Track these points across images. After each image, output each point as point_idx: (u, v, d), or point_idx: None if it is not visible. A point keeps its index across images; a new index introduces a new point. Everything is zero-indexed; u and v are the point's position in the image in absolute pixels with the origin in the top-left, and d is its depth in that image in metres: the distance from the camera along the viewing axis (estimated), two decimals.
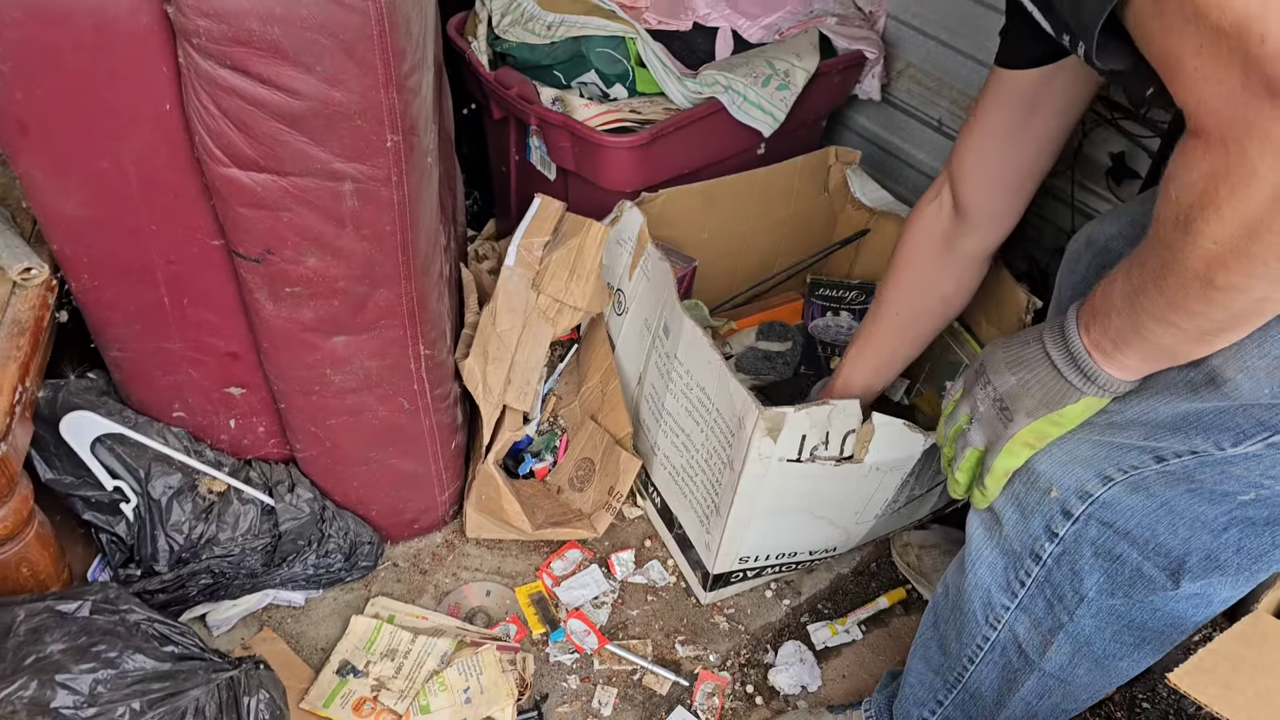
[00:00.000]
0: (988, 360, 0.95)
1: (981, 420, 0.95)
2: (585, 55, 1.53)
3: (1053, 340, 0.88)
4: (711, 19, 1.76)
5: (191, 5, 0.87)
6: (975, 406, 0.96)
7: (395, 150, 1.02)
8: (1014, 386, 0.91)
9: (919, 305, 1.32)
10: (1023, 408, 0.90)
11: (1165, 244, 0.72)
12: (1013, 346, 0.93)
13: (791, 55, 1.62)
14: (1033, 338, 0.91)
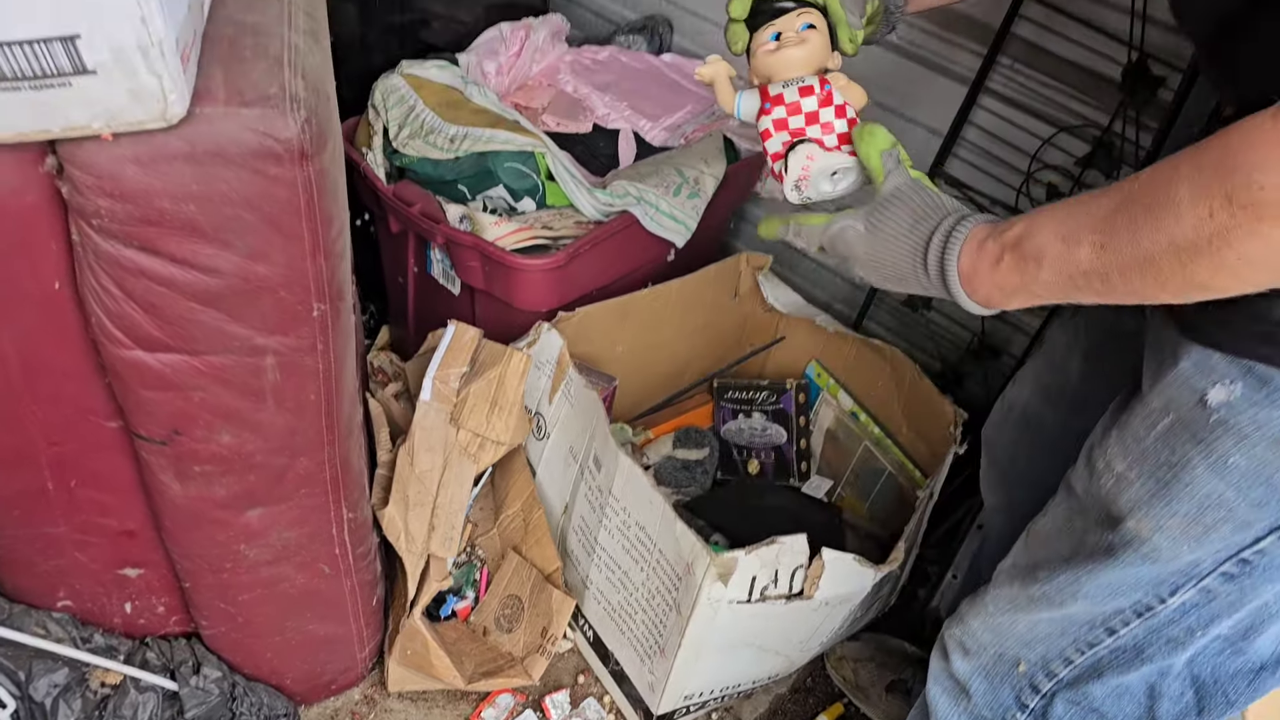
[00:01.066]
0: (856, 259, 0.83)
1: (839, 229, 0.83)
2: (493, 170, 1.46)
3: (934, 259, 0.78)
4: (611, 120, 1.73)
5: (90, 185, 0.77)
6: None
7: (321, 319, 0.93)
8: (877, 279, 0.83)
9: None
10: (857, 258, 0.83)
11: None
12: (885, 266, 0.81)
13: (700, 162, 1.59)
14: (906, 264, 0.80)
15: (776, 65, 0.88)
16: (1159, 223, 0.62)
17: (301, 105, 0.81)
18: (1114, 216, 0.65)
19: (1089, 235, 0.66)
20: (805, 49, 0.87)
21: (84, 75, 0.70)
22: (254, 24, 0.85)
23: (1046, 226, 0.70)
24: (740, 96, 0.91)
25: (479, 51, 1.72)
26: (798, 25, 0.88)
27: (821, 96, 0.86)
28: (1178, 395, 0.77)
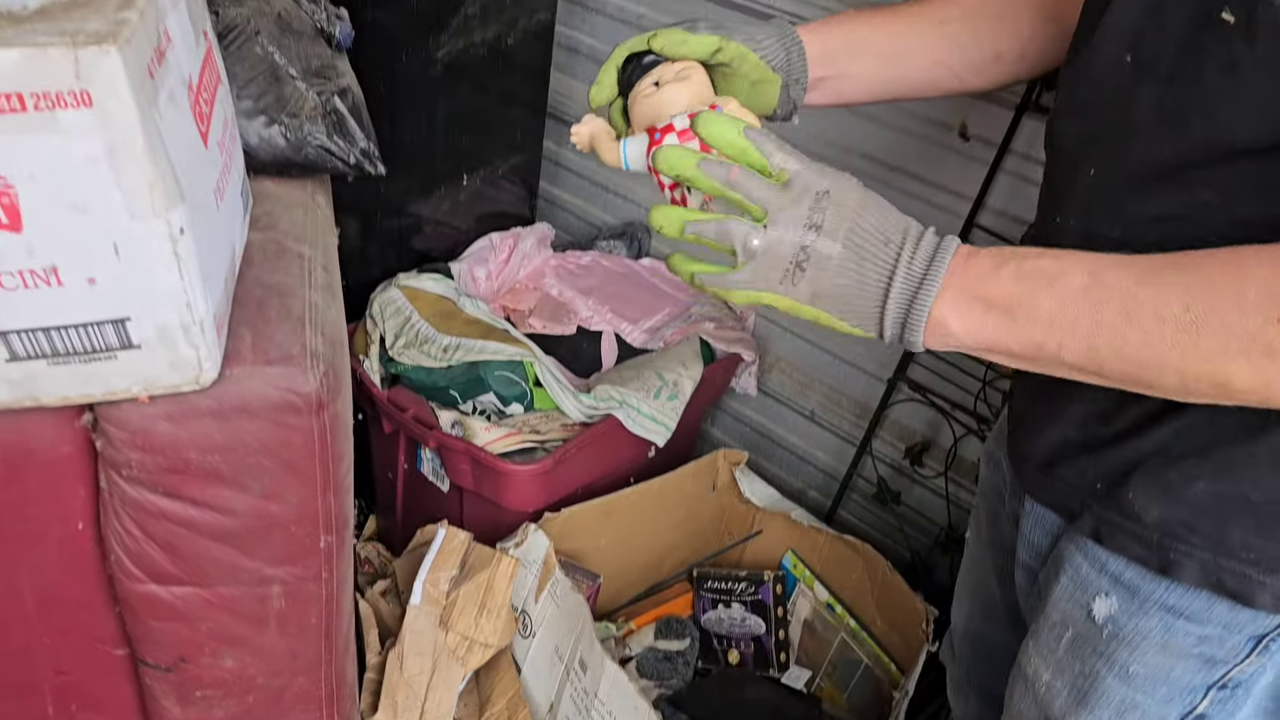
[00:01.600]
0: (835, 203, 0.68)
1: (773, 247, 0.68)
2: (483, 379, 1.55)
3: (907, 276, 0.67)
4: (595, 323, 1.83)
5: (123, 440, 0.83)
6: (783, 230, 0.68)
7: (328, 550, 0.98)
8: (831, 260, 0.68)
9: (964, 30, 0.95)
10: (816, 285, 0.68)
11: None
12: (870, 221, 0.68)
13: (679, 365, 1.69)
14: (894, 238, 0.68)
15: (660, 105, 0.80)
16: (1218, 305, 0.59)
17: (320, 360, 0.89)
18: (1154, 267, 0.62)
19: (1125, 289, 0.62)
20: (688, 86, 0.80)
21: (129, 350, 0.78)
22: (278, 284, 0.94)
23: (1077, 262, 0.64)
24: (625, 144, 0.82)
25: (470, 259, 1.84)
26: (676, 68, 0.82)
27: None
28: (1069, 610, 0.85)
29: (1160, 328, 0.60)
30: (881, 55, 0.94)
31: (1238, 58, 0.64)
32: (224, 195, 0.85)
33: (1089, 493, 0.83)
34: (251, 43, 1.07)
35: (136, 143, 0.67)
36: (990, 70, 0.97)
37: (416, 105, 1.65)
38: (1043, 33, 0.96)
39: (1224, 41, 0.65)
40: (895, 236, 0.68)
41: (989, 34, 0.95)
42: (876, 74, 0.95)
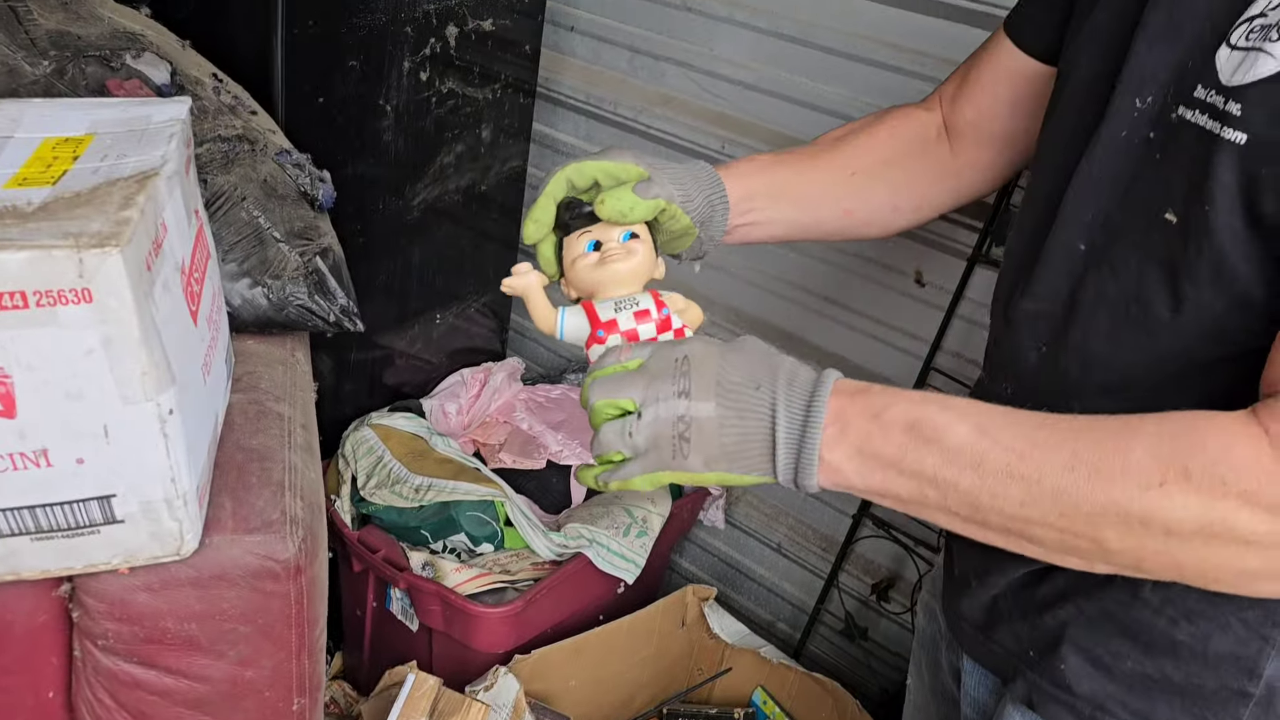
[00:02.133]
0: (697, 365, 0.69)
1: (650, 428, 0.69)
2: (455, 519, 1.56)
3: (789, 416, 0.68)
4: (564, 457, 1.85)
5: (101, 611, 0.84)
6: (655, 409, 0.69)
7: (300, 712, 0.98)
8: (710, 421, 0.68)
9: (869, 182, 1.01)
10: (704, 451, 0.69)
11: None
12: (736, 372, 0.69)
13: (647, 501, 1.71)
14: (764, 381, 0.69)
15: (603, 281, 0.80)
16: (1102, 467, 0.61)
17: (299, 525, 0.90)
18: (1044, 426, 0.64)
19: (1010, 445, 0.63)
20: (633, 262, 0.80)
21: (113, 524, 0.79)
22: (259, 447, 0.96)
23: (963, 416, 0.66)
24: (563, 315, 0.81)
25: (442, 396, 1.87)
26: (618, 234, 0.81)
27: (659, 320, 0.78)
28: None
29: (1041, 486, 0.61)
30: (797, 202, 0.98)
31: (1176, 261, 0.69)
32: (210, 368, 0.88)
33: (1023, 658, 0.86)
34: (238, 208, 1.11)
35: (132, 334, 0.70)
36: (888, 220, 1.03)
37: (393, 249, 1.70)
38: (938, 188, 1.03)
39: (1166, 242, 0.69)
40: (765, 380, 0.68)
41: (890, 187, 1.02)
42: (792, 220, 0.99)
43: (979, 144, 1.01)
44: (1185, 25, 0.69)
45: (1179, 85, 0.68)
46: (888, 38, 1.52)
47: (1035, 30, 0.93)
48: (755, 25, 1.66)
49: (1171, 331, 0.70)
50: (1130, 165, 0.72)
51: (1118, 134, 0.73)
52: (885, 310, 1.63)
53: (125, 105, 0.90)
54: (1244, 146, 0.63)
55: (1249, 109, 0.62)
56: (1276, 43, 0.61)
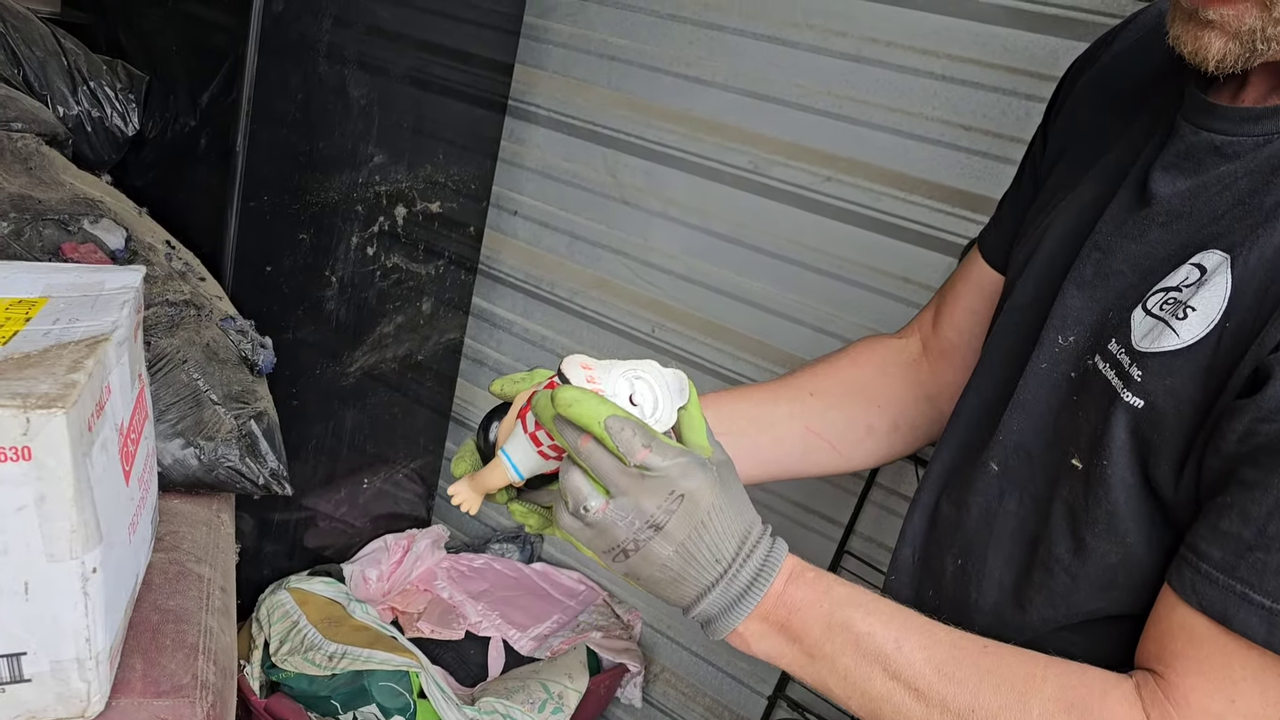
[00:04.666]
0: (684, 513, 0.66)
1: (605, 521, 0.67)
2: (367, 689, 1.53)
3: (727, 589, 0.68)
4: (483, 628, 1.84)
5: None
6: (626, 519, 0.66)
7: None
8: (659, 557, 0.67)
9: (832, 400, 0.99)
10: (638, 571, 0.69)
11: None
12: (707, 535, 0.67)
13: (564, 676, 1.70)
14: (725, 554, 0.68)
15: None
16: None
17: (209, 690, 0.90)
18: (956, 660, 0.67)
19: (924, 667, 0.67)
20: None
21: (19, 684, 0.79)
22: (176, 609, 0.96)
23: (886, 626, 0.69)
24: (505, 455, 0.72)
25: (364, 561, 1.86)
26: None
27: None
28: None
29: (940, 717, 0.65)
30: (753, 422, 0.95)
31: (1077, 506, 0.71)
32: (137, 528, 0.89)
33: None
34: (179, 370, 1.15)
35: (66, 493, 0.72)
36: (865, 444, 0.99)
37: (326, 413, 1.73)
38: (914, 410, 1.01)
39: (1070, 485, 0.71)
40: (728, 553, 0.68)
41: (857, 406, 0.99)
42: (753, 446, 0.95)
43: (961, 369, 0.97)
44: (1111, 278, 0.72)
45: (1098, 333, 0.71)
46: (807, 240, 1.64)
47: (997, 242, 0.95)
48: (687, 221, 1.79)
49: (1070, 575, 0.72)
50: (1055, 400, 0.75)
51: (1044, 367, 0.75)
52: (805, 494, 1.70)
53: (80, 271, 0.95)
54: (1140, 410, 0.65)
55: (1148, 378, 0.64)
56: (1182, 321, 0.63)
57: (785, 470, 0.99)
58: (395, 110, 1.59)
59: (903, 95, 1.53)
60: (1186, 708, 0.62)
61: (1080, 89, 0.89)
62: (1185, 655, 0.63)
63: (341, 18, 1.44)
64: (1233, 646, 0.60)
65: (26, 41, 1.48)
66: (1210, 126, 0.68)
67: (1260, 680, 0.60)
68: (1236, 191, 0.65)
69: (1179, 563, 0.63)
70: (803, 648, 0.69)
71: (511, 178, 1.99)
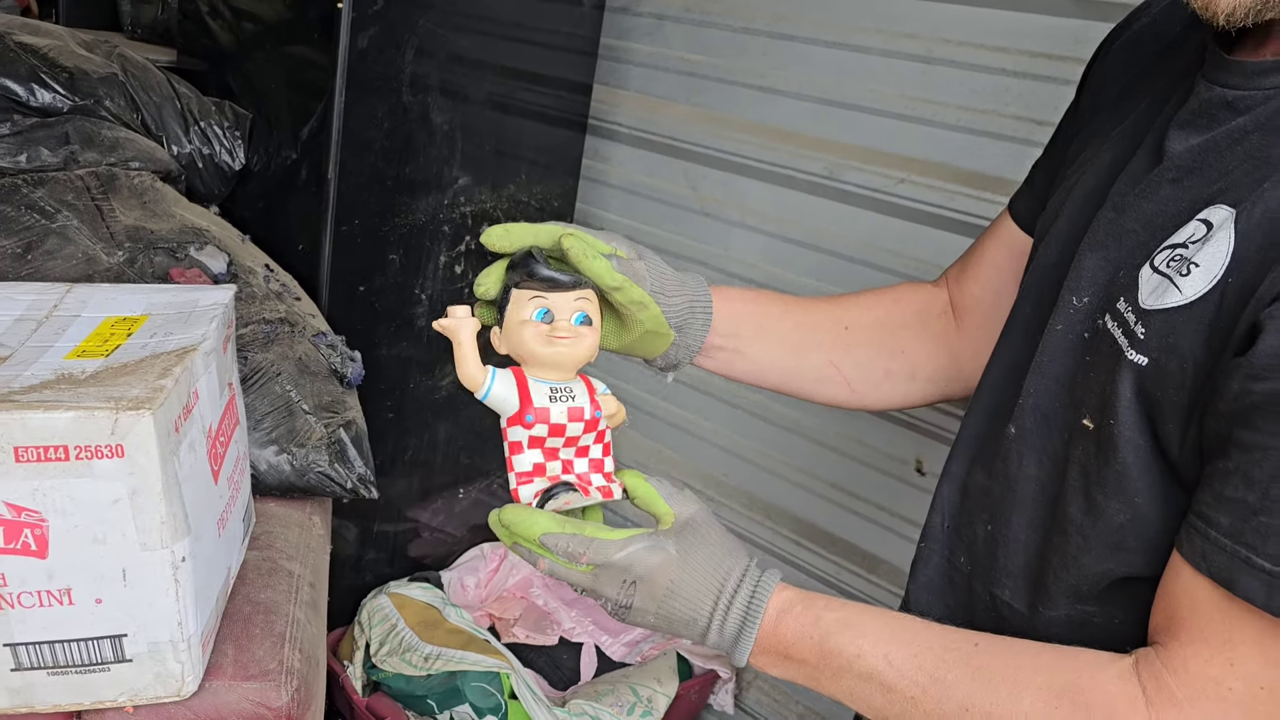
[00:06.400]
0: (644, 590, 0.72)
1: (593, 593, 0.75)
2: (460, 689, 1.59)
3: (719, 637, 0.74)
4: (576, 634, 1.89)
5: None
6: (594, 594, 0.74)
7: None
8: (647, 622, 0.75)
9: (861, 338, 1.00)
10: (638, 625, 0.76)
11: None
12: (678, 601, 0.73)
13: (653, 681, 1.73)
14: (702, 614, 0.73)
15: (543, 359, 0.75)
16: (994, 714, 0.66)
17: (295, 676, 0.97)
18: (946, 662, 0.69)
19: (914, 679, 0.69)
20: (580, 349, 0.75)
21: (122, 663, 0.87)
22: (266, 601, 1.04)
23: (876, 644, 0.71)
24: (493, 378, 0.75)
25: (461, 569, 1.93)
26: (573, 313, 0.75)
27: (589, 421, 0.76)
28: None
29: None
30: (782, 343, 0.96)
31: (1089, 466, 0.70)
32: (226, 524, 0.97)
33: None
34: (273, 382, 1.24)
35: (155, 487, 0.80)
36: (883, 387, 1.00)
37: (421, 426, 1.81)
38: (935, 363, 1.01)
39: (1083, 446, 0.71)
40: (705, 612, 0.73)
41: (883, 348, 0.99)
42: (773, 360, 0.97)
43: (984, 327, 0.97)
44: (1124, 237, 0.71)
45: (1108, 293, 0.71)
46: (885, 244, 1.64)
47: (1028, 205, 0.94)
48: (765, 230, 1.81)
49: (1082, 535, 0.72)
50: (1071, 361, 0.75)
51: (1059, 329, 0.76)
52: (888, 497, 1.69)
53: (179, 290, 1.04)
54: (1144, 368, 0.64)
55: (1151, 335, 0.64)
56: (1186, 277, 0.63)
57: (795, 390, 1.01)
58: (477, 134, 1.66)
59: (976, 94, 1.52)
60: (1185, 674, 0.61)
61: (1113, 52, 0.88)
62: (1188, 623, 0.62)
63: (423, 48, 1.52)
64: (1235, 612, 0.59)
65: (145, 88, 1.61)
66: (1224, 82, 0.67)
67: (1260, 644, 0.59)
68: (1247, 146, 0.64)
69: (1188, 530, 0.62)
70: (808, 671, 0.73)
71: (596, 195, 2.05)
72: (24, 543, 0.79)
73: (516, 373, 0.76)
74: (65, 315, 0.95)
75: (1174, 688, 0.62)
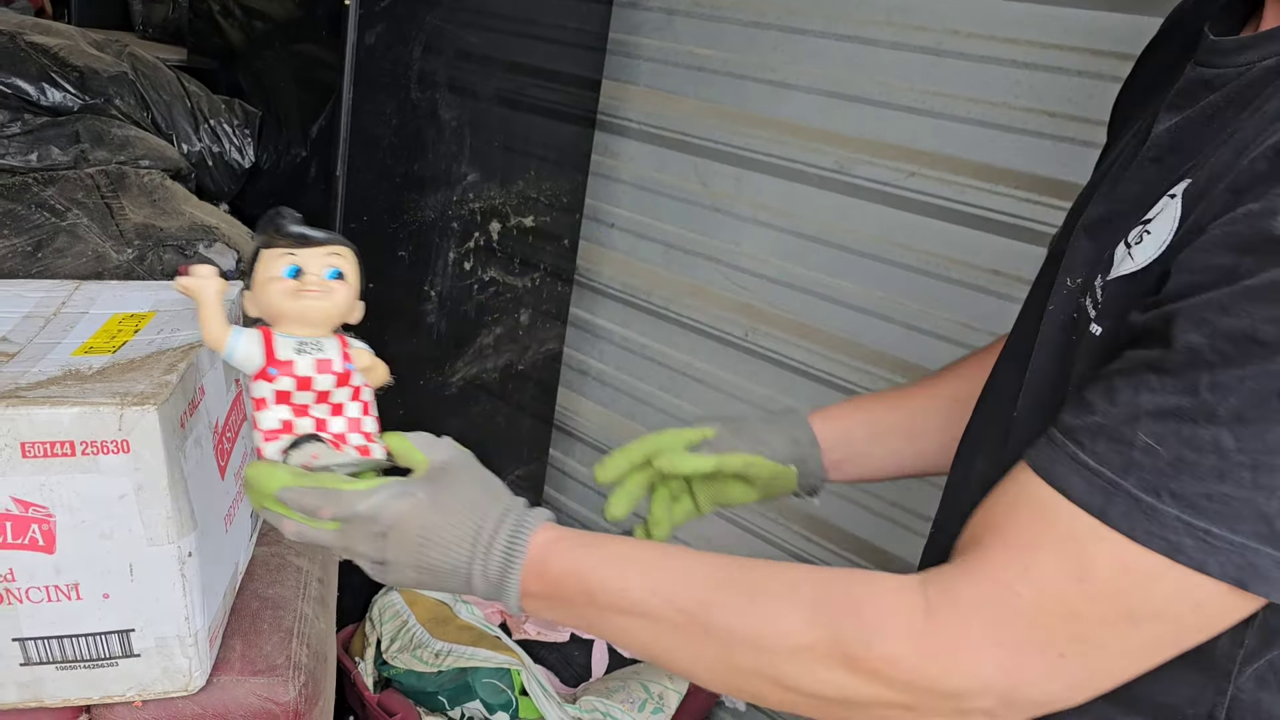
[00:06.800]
0: (395, 540, 0.68)
1: (348, 552, 0.71)
2: (471, 685, 1.59)
3: (485, 585, 0.69)
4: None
5: None
6: (348, 553, 0.71)
7: None
8: (408, 578, 0.70)
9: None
10: (399, 584, 0.72)
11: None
12: (434, 550, 0.68)
13: (664, 677, 1.72)
14: (462, 562, 0.69)
15: (291, 314, 0.72)
16: (763, 633, 0.63)
17: (302, 671, 0.97)
18: (714, 586, 0.66)
19: (682, 606, 0.65)
20: (330, 302, 0.73)
21: (130, 658, 0.87)
22: (274, 597, 1.04)
23: (643, 575, 0.67)
24: (235, 338, 0.72)
25: None
26: (324, 268, 0.72)
27: (339, 374, 0.74)
28: None
29: (708, 647, 0.63)
30: (901, 434, 0.98)
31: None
32: (233, 520, 0.97)
33: None
34: None
35: (161, 483, 0.80)
36: None
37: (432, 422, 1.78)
38: None
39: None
40: (464, 560, 0.68)
41: None
42: (898, 452, 0.98)
43: None
44: (1114, 219, 0.71)
45: (1091, 272, 0.70)
46: (896, 238, 1.63)
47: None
48: (776, 225, 1.80)
49: None
50: (1061, 342, 0.73)
51: (1052, 309, 0.75)
52: (900, 493, 1.68)
53: None
54: (1099, 339, 0.63)
55: (1106, 303, 0.64)
56: (1137, 245, 0.63)
57: (922, 472, 1.01)
58: (486, 130, 1.66)
59: (986, 86, 1.51)
60: (976, 576, 0.58)
61: (1146, 49, 0.89)
62: (998, 527, 0.60)
63: (431, 45, 1.52)
64: (1048, 512, 0.56)
65: (155, 87, 1.62)
66: (1206, 62, 0.67)
67: (1062, 550, 0.56)
68: (1218, 121, 0.63)
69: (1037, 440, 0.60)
70: (578, 611, 0.68)
71: (606, 190, 2.04)
72: (31, 538, 0.79)
73: (265, 331, 0.73)
74: (73, 312, 0.96)
75: (960, 589, 0.59)
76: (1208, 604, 0.54)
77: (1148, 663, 0.57)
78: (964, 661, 0.57)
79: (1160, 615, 0.55)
